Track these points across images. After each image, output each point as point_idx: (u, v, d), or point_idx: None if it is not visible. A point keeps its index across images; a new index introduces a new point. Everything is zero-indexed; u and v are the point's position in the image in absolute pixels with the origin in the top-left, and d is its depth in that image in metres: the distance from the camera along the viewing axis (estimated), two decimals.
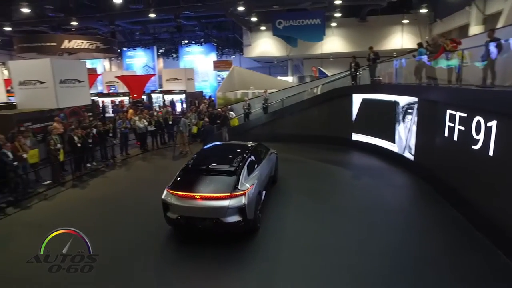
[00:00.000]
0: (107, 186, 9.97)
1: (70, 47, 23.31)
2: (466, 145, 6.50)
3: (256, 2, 21.93)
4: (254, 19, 24.42)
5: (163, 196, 6.23)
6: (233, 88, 22.36)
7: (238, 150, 7.51)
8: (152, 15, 22.05)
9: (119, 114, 15.58)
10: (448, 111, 7.36)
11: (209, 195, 5.95)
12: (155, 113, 15.84)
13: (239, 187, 6.06)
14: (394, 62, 11.82)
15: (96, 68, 34.66)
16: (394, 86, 11.36)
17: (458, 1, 18.70)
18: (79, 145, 10.53)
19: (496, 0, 16.23)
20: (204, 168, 6.63)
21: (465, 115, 6.63)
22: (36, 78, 13.45)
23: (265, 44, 28.76)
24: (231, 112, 16.51)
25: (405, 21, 25.05)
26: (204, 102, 21.54)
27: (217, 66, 32.70)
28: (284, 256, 5.70)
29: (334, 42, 26.97)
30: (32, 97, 13.46)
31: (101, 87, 32.60)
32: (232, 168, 6.40)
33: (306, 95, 16.08)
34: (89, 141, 11.13)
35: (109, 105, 25.41)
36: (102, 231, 6.73)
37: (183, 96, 24.76)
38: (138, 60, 35.92)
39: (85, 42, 24.03)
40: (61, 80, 13.75)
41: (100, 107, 23.97)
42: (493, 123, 5.62)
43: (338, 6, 22.04)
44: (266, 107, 16.00)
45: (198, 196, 5.94)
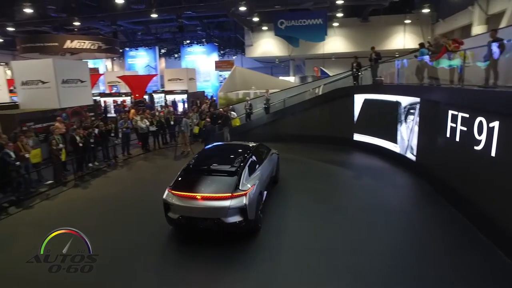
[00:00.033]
0: (109, 186, 10.00)
1: (72, 47, 23.38)
2: (468, 145, 6.47)
3: (258, 2, 21.92)
4: (256, 19, 24.44)
5: (164, 196, 6.24)
6: (235, 88, 22.36)
7: (239, 151, 7.50)
8: (154, 15, 22.11)
9: (121, 114, 15.61)
10: (450, 112, 7.33)
11: (210, 195, 5.94)
12: (156, 113, 15.89)
13: (240, 188, 6.05)
14: (396, 62, 11.79)
15: (98, 68, 34.82)
16: (396, 87, 11.33)
17: (461, 1, 18.62)
18: (81, 145, 10.57)
19: (499, 0, 16.15)
20: (205, 168, 6.63)
21: (467, 115, 6.60)
22: (38, 78, 13.52)
23: (267, 44, 28.75)
24: (232, 112, 16.53)
25: (407, 21, 24.99)
26: (206, 102, 21.56)
27: (219, 66, 32.77)
28: (285, 257, 5.69)
29: (336, 42, 26.94)
30: (35, 97, 13.54)
31: (103, 87, 32.72)
32: (233, 169, 6.39)
33: (308, 95, 16.06)
34: (91, 141, 11.18)
35: (111, 105, 25.51)
36: (103, 231, 6.75)
37: (185, 96, 24.80)
38: (140, 60, 36.07)
39: (87, 42, 24.09)
40: (63, 80, 13.81)
41: (102, 107, 24.07)
42: (495, 124, 5.59)
43: (340, 6, 22.01)
44: (267, 107, 15.99)
45: (199, 196, 5.94)
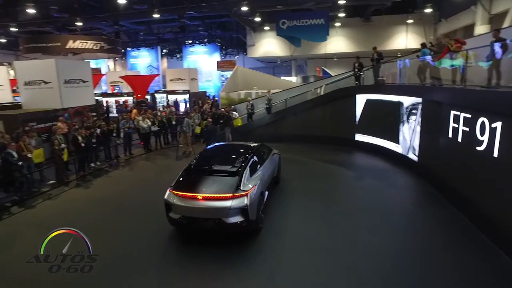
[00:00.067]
0: (111, 186, 10.03)
1: (75, 47, 23.46)
2: (471, 146, 6.44)
3: (260, 2, 21.92)
4: (257, 19, 24.43)
5: (166, 196, 6.25)
6: (237, 88, 22.37)
7: (240, 151, 7.50)
8: (156, 16, 22.14)
9: (123, 114, 15.66)
10: (452, 112, 7.30)
11: (211, 196, 5.95)
12: (158, 113, 15.91)
13: (241, 188, 6.05)
14: (398, 62, 11.75)
15: (100, 68, 34.94)
16: (398, 87, 11.29)
17: (464, 0, 18.53)
18: (83, 145, 10.61)
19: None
20: (207, 168, 6.63)
21: (469, 116, 6.58)
22: (41, 78, 13.58)
23: (269, 44, 28.74)
24: (234, 112, 16.52)
25: (410, 21, 24.89)
26: (208, 102, 21.57)
27: (221, 66, 32.80)
28: (286, 257, 5.69)
29: (338, 42, 26.89)
30: (37, 97, 13.60)
31: (105, 87, 32.82)
32: (235, 169, 6.39)
33: (309, 95, 16.04)
34: (93, 141, 11.21)
35: (113, 105, 25.59)
36: (104, 231, 6.77)
37: (187, 96, 24.84)
38: (142, 60, 36.17)
39: (89, 42, 24.16)
40: (65, 80, 13.85)
41: (104, 107, 24.14)
42: (497, 124, 5.57)
43: (342, 6, 21.96)
44: (269, 107, 15.98)
45: (200, 197, 5.95)
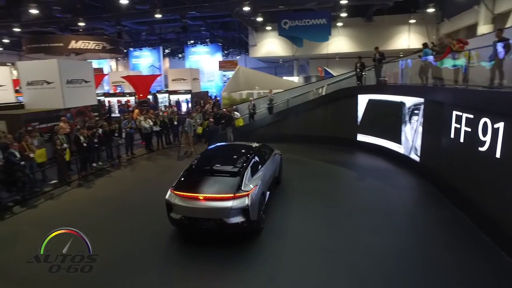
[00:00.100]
0: (112, 185, 10.06)
1: (77, 47, 23.55)
2: (473, 146, 6.41)
3: (262, 2, 21.89)
4: (259, 19, 24.39)
5: (167, 196, 6.26)
6: (239, 88, 22.36)
7: (242, 151, 7.49)
8: (158, 16, 22.16)
9: (125, 114, 15.68)
10: (455, 112, 7.27)
11: (213, 196, 5.95)
12: (160, 113, 15.93)
13: (242, 188, 6.05)
14: (399, 62, 11.72)
15: (102, 68, 35.03)
16: (400, 87, 11.25)
17: (467, 0, 18.45)
18: (85, 145, 10.64)
19: None
20: (208, 168, 6.64)
21: (471, 116, 6.55)
22: (43, 79, 13.64)
23: (271, 44, 28.71)
24: (236, 112, 16.51)
25: (412, 21, 24.80)
26: (209, 102, 21.58)
27: (223, 66, 32.80)
28: (287, 257, 5.68)
29: (340, 42, 26.82)
30: (40, 97, 13.66)
31: (107, 87, 32.91)
32: (236, 169, 6.39)
33: (311, 96, 16.01)
34: (95, 141, 11.23)
35: (115, 105, 25.65)
36: (106, 230, 6.79)
37: (189, 96, 24.86)
38: (144, 60, 36.23)
39: (91, 42, 24.25)
40: (68, 80, 13.90)
41: (106, 107, 24.20)
42: (500, 125, 5.54)
43: (344, 6, 21.89)
44: (271, 108, 15.97)
45: (201, 197, 5.95)
